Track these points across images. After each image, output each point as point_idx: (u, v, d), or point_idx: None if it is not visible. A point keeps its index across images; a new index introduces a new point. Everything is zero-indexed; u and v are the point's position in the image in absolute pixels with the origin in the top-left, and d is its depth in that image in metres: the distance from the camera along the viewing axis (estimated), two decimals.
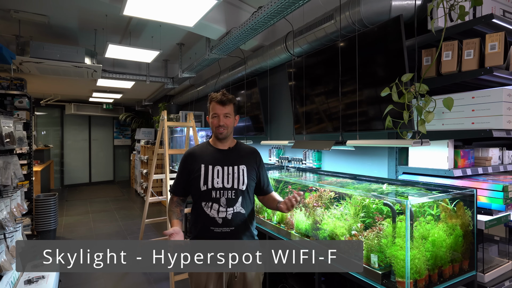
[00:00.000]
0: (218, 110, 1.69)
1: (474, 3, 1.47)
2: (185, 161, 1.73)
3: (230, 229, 1.62)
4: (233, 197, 1.64)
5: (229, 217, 1.62)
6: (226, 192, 1.64)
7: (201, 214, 1.64)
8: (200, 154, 1.72)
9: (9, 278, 2.19)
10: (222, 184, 1.64)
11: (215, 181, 1.63)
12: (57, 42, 4.40)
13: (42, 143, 8.69)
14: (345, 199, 2.16)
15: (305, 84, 2.88)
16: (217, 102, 1.70)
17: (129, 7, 2.54)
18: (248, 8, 3.37)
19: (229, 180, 1.66)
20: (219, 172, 1.65)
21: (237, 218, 1.64)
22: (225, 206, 1.62)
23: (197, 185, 1.64)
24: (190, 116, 3.85)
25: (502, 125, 1.74)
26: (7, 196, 2.38)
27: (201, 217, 1.65)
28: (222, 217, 1.62)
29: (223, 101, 1.68)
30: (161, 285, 3.29)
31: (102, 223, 5.69)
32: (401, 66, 1.93)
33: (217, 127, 1.68)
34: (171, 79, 5.69)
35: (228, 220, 1.62)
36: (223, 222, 1.62)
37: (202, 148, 1.76)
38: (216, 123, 1.69)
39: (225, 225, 1.62)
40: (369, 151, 2.54)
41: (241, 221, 1.66)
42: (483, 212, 1.91)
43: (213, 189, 1.63)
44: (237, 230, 1.64)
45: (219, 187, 1.63)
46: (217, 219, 1.61)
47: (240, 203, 1.66)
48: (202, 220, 1.64)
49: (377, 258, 1.68)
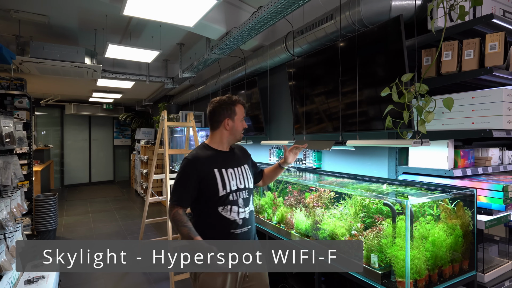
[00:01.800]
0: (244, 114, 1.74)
1: (474, 3, 1.47)
2: (192, 168, 1.60)
3: (248, 228, 1.66)
4: (247, 196, 1.68)
5: (247, 217, 1.66)
6: (241, 193, 1.66)
7: (219, 220, 1.59)
8: (207, 159, 1.64)
9: (9, 278, 2.19)
10: (237, 186, 1.65)
11: (231, 184, 1.63)
12: (57, 42, 4.40)
13: (42, 143, 8.70)
14: (345, 199, 2.16)
15: (305, 84, 2.88)
16: (243, 106, 1.74)
17: (129, 7, 2.54)
18: (248, 8, 3.37)
19: (242, 180, 1.68)
20: (232, 174, 1.66)
21: (251, 216, 1.70)
22: (243, 207, 1.64)
23: (213, 190, 1.59)
24: (190, 116, 3.85)
25: (502, 125, 1.74)
26: (7, 196, 2.38)
27: (219, 222, 1.60)
28: (242, 218, 1.63)
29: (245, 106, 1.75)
30: (161, 285, 3.29)
31: (102, 223, 5.69)
32: (401, 66, 1.93)
33: (243, 131, 1.74)
34: (171, 79, 5.69)
35: (247, 219, 1.66)
36: (243, 223, 1.63)
37: (204, 152, 1.68)
38: (243, 126, 1.73)
39: (244, 225, 1.64)
40: (369, 151, 2.54)
41: (253, 218, 1.72)
42: (483, 212, 1.91)
43: (231, 192, 1.62)
44: (252, 228, 1.70)
45: (235, 189, 1.64)
46: (238, 221, 1.61)
47: (251, 201, 1.71)
48: (221, 225, 1.60)
49: (377, 258, 1.68)
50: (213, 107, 1.72)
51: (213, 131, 1.73)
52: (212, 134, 1.74)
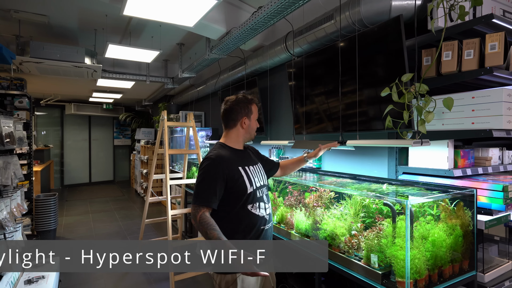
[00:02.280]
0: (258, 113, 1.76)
1: (474, 3, 1.47)
2: (218, 167, 1.55)
3: (271, 223, 1.71)
4: (267, 193, 1.75)
5: (271, 212, 1.72)
6: (263, 189, 1.70)
7: (250, 218, 1.58)
8: (229, 158, 1.62)
9: (9, 278, 2.20)
10: (259, 183, 1.67)
11: (256, 180, 1.65)
12: (57, 42, 4.40)
13: (42, 143, 8.70)
14: (345, 199, 2.16)
15: (305, 84, 2.88)
16: (257, 105, 1.76)
17: (129, 7, 2.54)
18: (248, 8, 3.37)
19: (261, 177, 1.71)
20: (254, 171, 1.67)
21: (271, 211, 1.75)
22: (267, 202, 1.69)
23: (243, 188, 1.57)
24: (190, 116, 3.85)
25: (502, 125, 1.74)
26: (7, 196, 2.38)
27: (252, 221, 1.58)
28: (268, 214, 1.68)
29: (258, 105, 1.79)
30: (161, 285, 3.29)
31: (102, 223, 5.69)
32: (401, 66, 1.93)
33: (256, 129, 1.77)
34: (171, 79, 5.69)
35: (270, 215, 1.71)
36: (269, 218, 1.68)
37: (224, 151, 1.65)
38: (257, 125, 1.76)
39: (270, 220, 1.69)
40: (369, 151, 2.54)
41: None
42: (483, 212, 1.91)
43: (257, 189, 1.63)
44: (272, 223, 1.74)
45: (260, 185, 1.67)
46: (266, 217, 1.65)
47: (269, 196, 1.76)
48: (253, 223, 1.58)
49: (377, 258, 1.68)
50: (230, 106, 1.68)
51: (230, 129, 1.71)
52: (228, 133, 1.72)
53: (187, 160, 4.17)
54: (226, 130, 1.73)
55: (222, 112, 1.72)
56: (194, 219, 1.48)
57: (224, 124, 1.73)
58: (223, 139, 1.72)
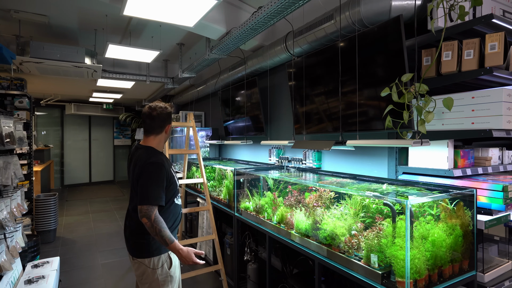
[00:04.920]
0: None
1: (474, 3, 1.47)
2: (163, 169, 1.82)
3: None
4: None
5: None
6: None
7: (177, 208, 1.96)
8: (166, 161, 1.91)
9: (9, 278, 2.20)
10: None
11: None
12: (57, 42, 4.40)
13: (42, 143, 8.70)
14: (345, 199, 2.16)
15: (305, 84, 2.88)
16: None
17: (129, 7, 2.54)
18: (248, 8, 3.37)
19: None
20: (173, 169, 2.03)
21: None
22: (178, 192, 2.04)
23: (175, 185, 1.93)
24: (190, 116, 3.85)
25: (502, 125, 1.74)
26: (7, 196, 2.38)
27: (177, 209, 1.97)
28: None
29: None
30: None
31: (102, 223, 5.69)
32: (401, 66, 1.93)
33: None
34: (171, 79, 5.70)
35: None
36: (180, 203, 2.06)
37: (161, 156, 1.88)
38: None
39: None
40: (369, 151, 2.54)
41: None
42: (483, 212, 1.91)
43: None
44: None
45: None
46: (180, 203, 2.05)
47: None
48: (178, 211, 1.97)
49: (377, 258, 1.68)
50: (158, 114, 1.88)
51: (156, 135, 1.91)
52: (154, 138, 1.91)
53: (187, 160, 4.17)
54: (153, 135, 1.91)
55: (150, 118, 1.88)
56: (148, 218, 1.66)
57: (150, 129, 1.91)
58: (153, 144, 1.91)
